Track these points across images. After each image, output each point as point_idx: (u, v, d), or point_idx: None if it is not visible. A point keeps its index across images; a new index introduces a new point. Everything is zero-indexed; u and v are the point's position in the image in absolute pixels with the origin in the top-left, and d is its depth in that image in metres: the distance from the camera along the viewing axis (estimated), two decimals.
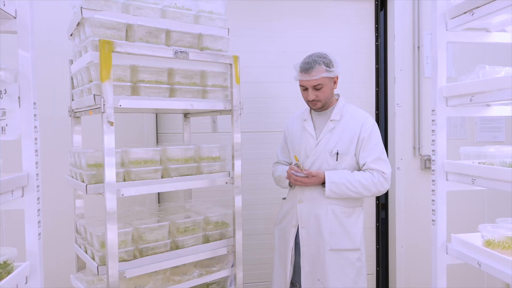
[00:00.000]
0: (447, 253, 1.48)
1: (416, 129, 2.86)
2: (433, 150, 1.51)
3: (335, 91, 2.11)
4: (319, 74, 1.95)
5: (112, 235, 1.53)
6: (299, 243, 2.09)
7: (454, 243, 1.47)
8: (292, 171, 2.00)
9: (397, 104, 2.85)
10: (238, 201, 1.91)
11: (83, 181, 1.65)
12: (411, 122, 2.88)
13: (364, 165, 2.00)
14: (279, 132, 2.85)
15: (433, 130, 1.50)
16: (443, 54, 1.47)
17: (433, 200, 1.51)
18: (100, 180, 1.61)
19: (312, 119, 2.12)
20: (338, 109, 2.07)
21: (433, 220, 1.51)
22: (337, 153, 2.01)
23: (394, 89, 2.86)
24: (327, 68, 1.96)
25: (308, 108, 2.16)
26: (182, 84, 1.80)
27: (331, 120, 2.05)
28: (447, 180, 1.48)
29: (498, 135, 2.98)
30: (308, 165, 2.06)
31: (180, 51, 1.72)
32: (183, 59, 1.75)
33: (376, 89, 2.98)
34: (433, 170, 1.51)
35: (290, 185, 2.15)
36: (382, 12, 2.97)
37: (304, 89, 2.04)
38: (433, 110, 1.50)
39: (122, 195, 1.59)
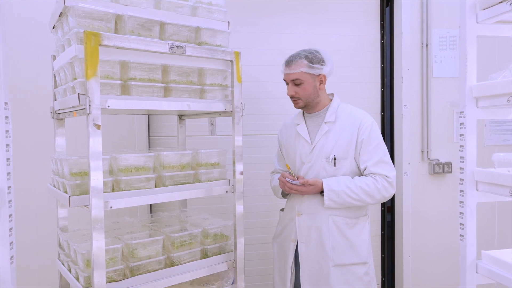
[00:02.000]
0: (477, 272, 1.32)
1: (424, 132, 2.71)
2: (462, 157, 1.35)
3: (330, 90, 1.97)
4: (298, 68, 1.84)
5: (99, 253, 1.34)
6: (299, 258, 1.92)
7: (485, 261, 1.31)
8: (287, 179, 1.84)
9: (404, 105, 2.70)
10: (240, 211, 1.73)
11: (66, 192, 1.46)
12: (419, 125, 2.73)
13: (365, 169, 1.84)
14: (277, 135, 2.69)
15: (461, 135, 1.34)
16: (473, 50, 1.31)
17: (461, 213, 1.35)
18: (85, 190, 1.42)
19: (305, 123, 1.96)
20: (333, 109, 1.91)
21: (461, 235, 1.35)
22: (335, 158, 1.84)
23: (401, 89, 2.71)
24: (309, 64, 1.84)
25: (301, 111, 2.00)
26: (178, 83, 1.62)
27: (325, 123, 1.89)
28: (477, 190, 1.32)
29: (508, 138, 2.85)
30: (303, 172, 1.89)
31: (176, 46, 1.54)
32: (179, 55, 1.57)
33: (381, 89, 2.82)
34: (462, 179, 1.35)
35: (284, 194, 1.99)
36: (388, 8, 2.82)
37: (286, 84, 1.92)
38: (461, 112, 1.34)
39: (111, 207, 1.40)
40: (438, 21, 2.71)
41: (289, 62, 1.87)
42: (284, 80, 1.91)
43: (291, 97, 1.90)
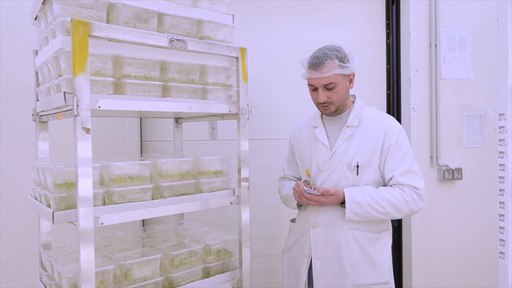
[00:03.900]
0: None
1: (433, 137, 2.58)
2: (502, 165, 1.20)
3: (351, 91, 1.76)
4: (331, 70, 1.60)
5: (89, 279, 1.15)
6: (313, 275, 1.74)
7: None
8: (305, 188, 1.65)
9: (412, 108, 2.56)
10: (246, 225, 1.56)
11: (49, 206, 1.26)
12: (427, 129, 2.59)
13: (391, 179, 1.66)
14: (279, 139, 2.54)
15: (501, 140, 1.19)
16: None
17: (501, 228, 1.20)
18: (71, 204, 1.23)
19: (324, 126, 1.78)
20: (356, 112, 1.72)
21: (501, 253, 1.20)
22: (357, 166, 1.66)
23: (409, 91, 2.57)
24: (341, 64, 1.62)
25: (319, 112, 1.81)
26: (177, 81, 1.44)
27: (347, 127, 1.70)
28: None
29: None
30: (321, 180, 1.71)
31: (177, 39, 1.36)
32: (179, 50, 1.39)
33: (387, 91, 2.69)
34: (502, 190, 1.20)
35: (299, 205, 1.80)
36: (394, 6, 2.69)
37: (314, 89, 1.68)
38: (500, 115, 1.19)
39: (102, 224, 1.21)
40: (447, 21, 2.59)
41: (318, 65, 1.62)
42: (311, 85, 1.68)
43: (323, 103, 1.68)
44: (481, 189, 2.65)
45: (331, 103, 1.67)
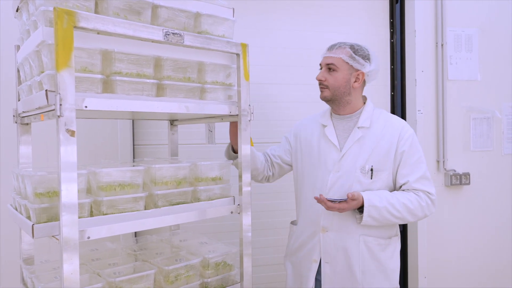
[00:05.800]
0: None
1: (440, 140, 2.47)
2: None
3: (363, 93, 1.72)
4: (339, 53, 1.63)
5: None
6: (319, 280, 1.66)
7: None
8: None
9: (418, 110, 2.46)
10: (247, 235, 1.44)
11: (29, 217, 1.13)
12: (434, 132, 2.49)
13: (405, 184, 1.61)
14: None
15: None
16: None
17: None
18: (54, 216, 1.10)
19: (333, 125, 1.70)
20: (367, 113, 1.67)
21: None
22: (372, 169, 1.59)
23: (414, 93, 2.47)
24: (352, 54, 1.62)
25: (328, 110, 1.76)
26: (173, 80, 1.32)
27: (358, 127, 1.64)
28: None
29: None
30: (331, 182, 1.63)
31: (173, 33, 1.24)
32: (176, 45, 1.27)
33: (391, 93, 2.58)
34: None
35: (230, 156, 1.73)
36: (398, 4, 2.59)
37: (320, 68, 1.70)
38: None
39: (88, 238, 1.08)
40: (453, 19, 2.49)
41: (332, 46, 1.67)
42: (320, 64, 1.69)
43: (319, 84, 1.68)
44: (489, 194, 2.56)
45: (326, 86, 1.65)
